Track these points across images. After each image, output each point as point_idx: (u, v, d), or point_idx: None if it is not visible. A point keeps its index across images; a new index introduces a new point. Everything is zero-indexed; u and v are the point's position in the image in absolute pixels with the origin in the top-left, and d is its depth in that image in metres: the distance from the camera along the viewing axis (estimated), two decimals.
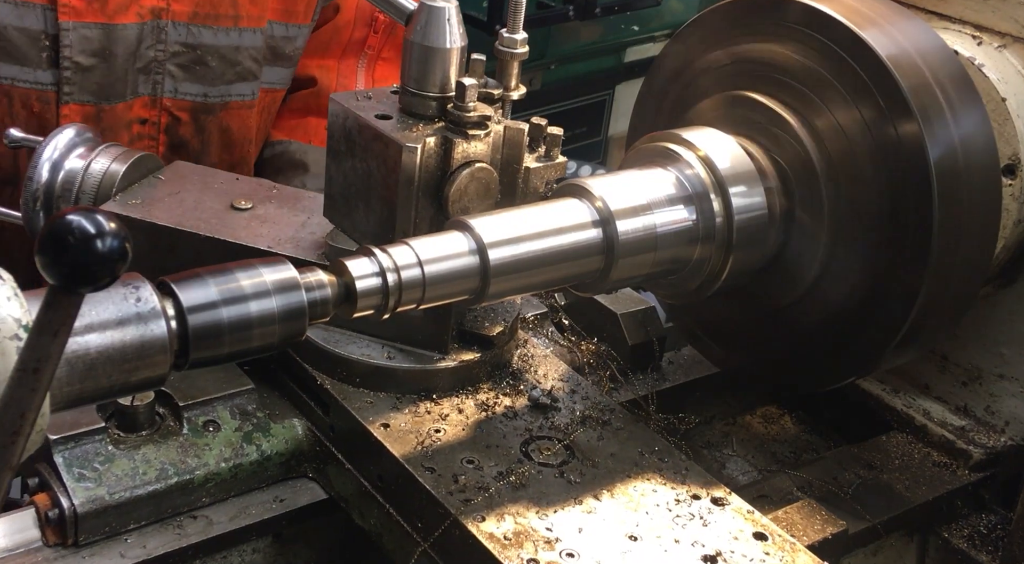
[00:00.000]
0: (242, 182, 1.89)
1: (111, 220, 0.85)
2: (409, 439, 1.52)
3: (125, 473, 1.50)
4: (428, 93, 1.53)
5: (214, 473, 1.55)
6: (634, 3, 5.00)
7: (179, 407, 1.58)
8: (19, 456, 0.93)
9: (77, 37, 2.15)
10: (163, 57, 2.26)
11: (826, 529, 1.58)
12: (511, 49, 1.58)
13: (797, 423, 2.07)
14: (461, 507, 1.41)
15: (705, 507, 1.46)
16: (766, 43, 1.70)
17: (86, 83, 2.20)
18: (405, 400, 1.60)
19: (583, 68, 5.39)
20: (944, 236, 1.56)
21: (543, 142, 1.62)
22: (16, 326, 1.05)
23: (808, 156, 1.64)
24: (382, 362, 1.61)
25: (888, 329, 1.63)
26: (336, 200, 1.63)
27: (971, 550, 1.82)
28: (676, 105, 1.85)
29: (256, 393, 1.65)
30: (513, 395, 1.64)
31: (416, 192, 1.51)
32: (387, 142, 1.50)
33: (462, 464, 1.48)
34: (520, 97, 1.62)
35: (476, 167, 1.52)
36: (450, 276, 1.40)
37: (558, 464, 1.51)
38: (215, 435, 1.58)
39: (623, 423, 1.61)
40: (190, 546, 1.51)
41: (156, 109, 2.31)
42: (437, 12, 1.51)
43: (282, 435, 1.62)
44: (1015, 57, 1.76)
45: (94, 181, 1.81)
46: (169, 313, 1.18)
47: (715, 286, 1.66)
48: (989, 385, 1.90)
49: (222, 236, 1.70)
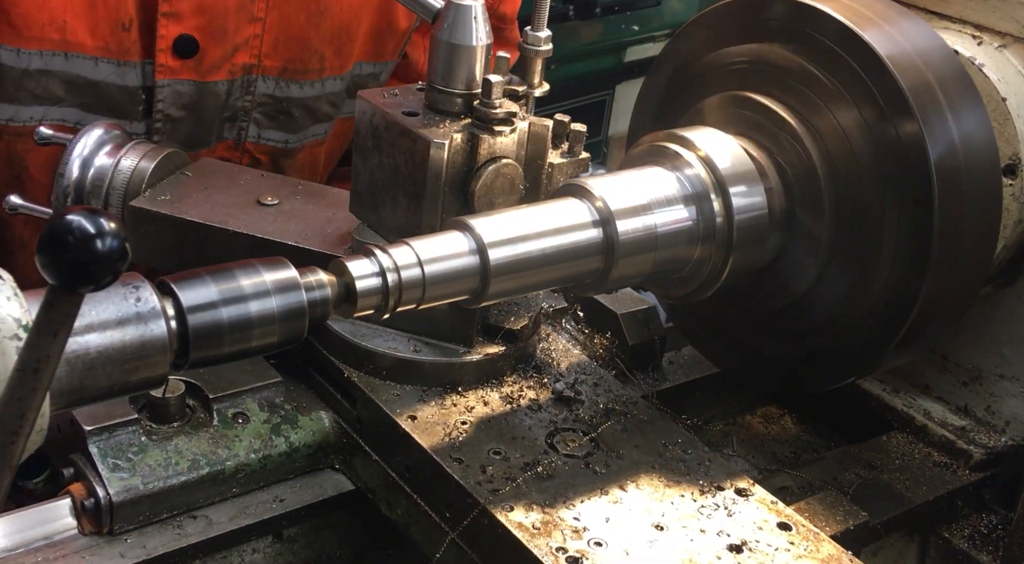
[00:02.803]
0: (268, 179, 1.92)
1: (111, 220, 0.85)
2: (436, 431, 1.54)
3: (158, 463, 1.52)
4: (455, 90, 1.55)
5: (244, 464, 1.58)
6: (634, 3, 5.00)
7: (209, 399, 1.61)
8: (19, 456, 0.93)
9: (171, 93, 2.23)
10: (250, 107, 2.33)
11: (848, 520, 1.62)
12: (535, 46, 1.60)
13: (797, 423, 2.07)
14: (490, 497, 1.43)
15: (730, 498, 1.48)
16: (766, 43, 1.70)
17: (175, 133, 2.28)
18: (431, 393, 1.62)
19: (583, 68, 5.39)
20: (944, 236, 1.56)
21: (567, 138, 1.65)
22: (16, 326, 1.05)
23: (808, 156, 1.64)
24: (408, 355, 1.63)
25: (888, 329, 1.63)
26: (363, 196, 1.66)
27: (971, 550, 1.82)
28: (676, 105, 1.85)
29: (283, 386, 1.68)
30: (537, 388, 1.66)
31: (443, 188, 1.53)
32: (415, 138, 1.52)
33: (489, 455, 1.50)
34: (543, 94, 1.64)
35: (502, 163, 1.55)
36: (450, 276, 1.40)
37: (583, 455, 1.53)
38: (244, 427, 1.61)
39: (646, 415, 1.63)
40: (190, 546, 1.51)
41: (238, 152, 2.38)
42: (464, 10, 1.53)
43: (309, 427, 1.64)
44: (1015, 57, 1.76)
45: (123, 177, 1.85)
46: (169, 313, 1.18)
47: (715, 286, 1.66)
48: (989, 385, 1.90)
49: (250, 231, 1.72)
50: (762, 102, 1.69)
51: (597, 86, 5.48)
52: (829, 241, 1.64)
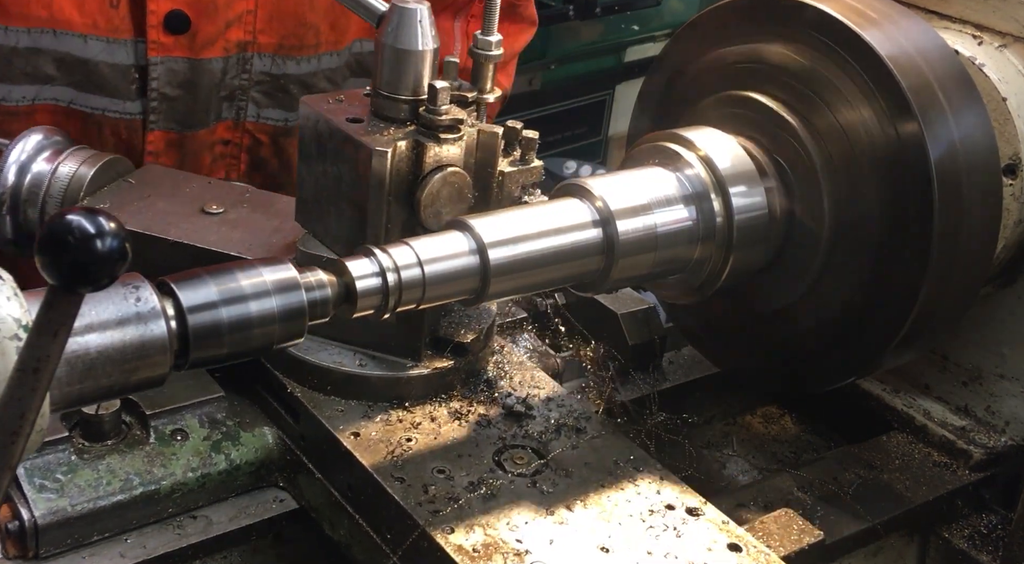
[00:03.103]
0: (215, 186, 1.86)
1: (111, 220, 0.85)
2: (379, 448, 1.49)
3: (88, 483, 1.46)
4: (400, 96, 1.50)
5: (181, 483, 1.52)
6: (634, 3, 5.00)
7: (146, 416, 1.55)
8: (19, 456, 0.93)
9: (164, 71, 2.21)
10: (247, 86, 2.32)
11: (803, 539, 1.53)
12: (486, 51, 1.55)
13: (797, 423, 2.07)
14: (430, 518, 1.38)
15: (680, 517, 1.43)
16: (766, 43, 1.70)
17: (171, 112, 2.26)
18: (377, 408, 1.57)
19: (583, 68, 5.39)
20: (944, 236, 1.56)
21: (518, 146, 1.59)
22: (16, 326, 1.05)
23: (808, 156, 1.64)
24: (353, 369, 1.58)
25: (888, 329, 1.63)
26: (308, 204, 1.61)
27: (971, 550, 1.82)
28: (676, 105, 1.85)
29: (226, 401, 1.62)
30: (487, 403, 1.61)
31: (387, 197, 1.48)
32: (357, 146, 1.48)
33: (432, 474, 1.46)
34: (496, 100, 1.58)
35: (448, 171, 1.49)
36: (450, 276, 1.40)
37: (531, 474, 1.48)
38: (182, 444, 1.55)
39: (599, 431, 1.57)
40: (190, 546, 1.50)
41: (239, 132, 2.37)
42: (409, 14, 1.48)
43: (252, 444, 1.59)
44: (1016, 57, 1.76)
45: (61, 184, 1.78)
46: (169, 313, 1.18)
47: (715, 286, 1.66)
48: (989, 385, 1.90)
49: (191, 241, 1.66)
50: (762, 102, 1.69)
51: (597, 86, 5.48)
52: (829, 241, 1.64)
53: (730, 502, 1.71)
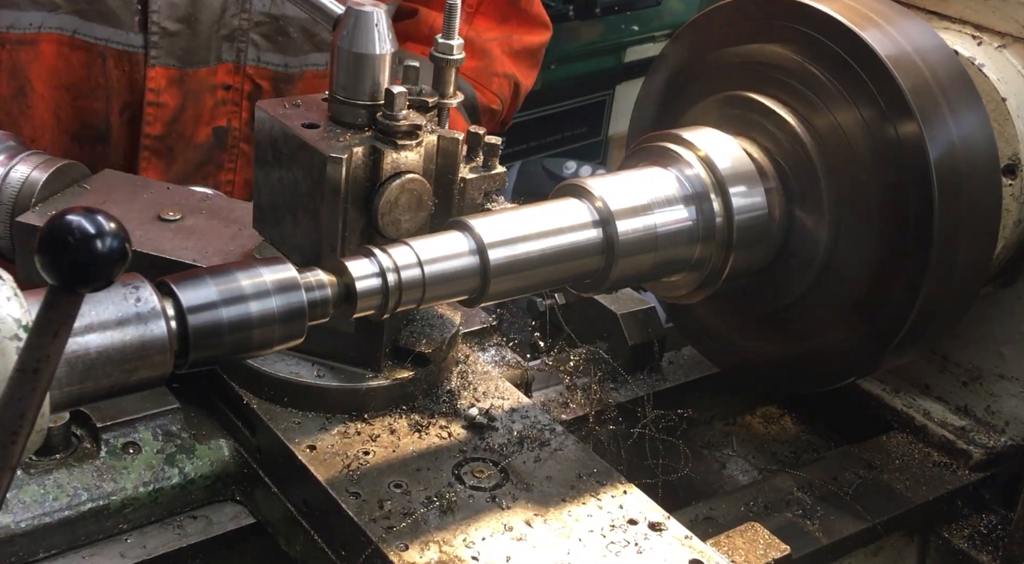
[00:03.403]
0: (173, 192, 1.82)
1: (111, 220, 0.85)
2: (335, 462, 1.45)
3: (34, 500, 1.42)
4: (357, 101, 1.46)
5: (132, 498, 1.48)
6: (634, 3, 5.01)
7: (97, 428, 1.50)
8: (19, 456, 0.93)
9: (164, 3, 2.24)
10: (247, 26, 2.33)
11: (768, 554, 1.50)
12: (446, 55, 1.52)
13: (797, 423, 2.07)
14: (383, 534, 1.34)
15: (642, 533, 1.39)
16: (766, 43, 1.70)
17: (172, 48, 2.28)
18: (335, 420, 1.52)
19: (583, 68, 5.39)
20: (944, 236, 1.56)
21: (481, 152, 1.55)
22: (16, 326, 1.05)
23: (808, 156, 1.64)
24: (311, 380, 1.53)
25: (888, 329, 1.63)
26: (265, 211, 1.57)
27: (971, 550, 1.82)
28: (676, 105, 1.85)
29: (181, 413, 1.57)
30: (449, 415, 1.56)
31: (344, 204, 1.44)
32: (312, 152, 1.44)
33: (389, 488, 1.41)
34: (457, 105, 1.55)
35: (407, 178, 1.45)
36: (450, 276, 1.40)
37: (490, 488, 1.44)
38: (135, 458, 1.50)
39: (562, 443, 1.53)
40: (190, 546, 1.50)
41: (240, 76, 2.37)
42: (365, 17, 1.44)
43: (207, 457, 1.55)
44: (1015, 57, 1.76)
45: (12, 190, 1.74)
46: (169, 313, 1.18)
47: (715, 286, 1.66)
48: (989, 385, 1.90)
49: (145, 249, 1.63)
50: (762, 102, 1.69)
51: (597, 86, 5.49)
52: (829, 241, 1.64)
53: (731, 502, 1.72)
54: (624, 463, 1.80)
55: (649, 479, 1.74)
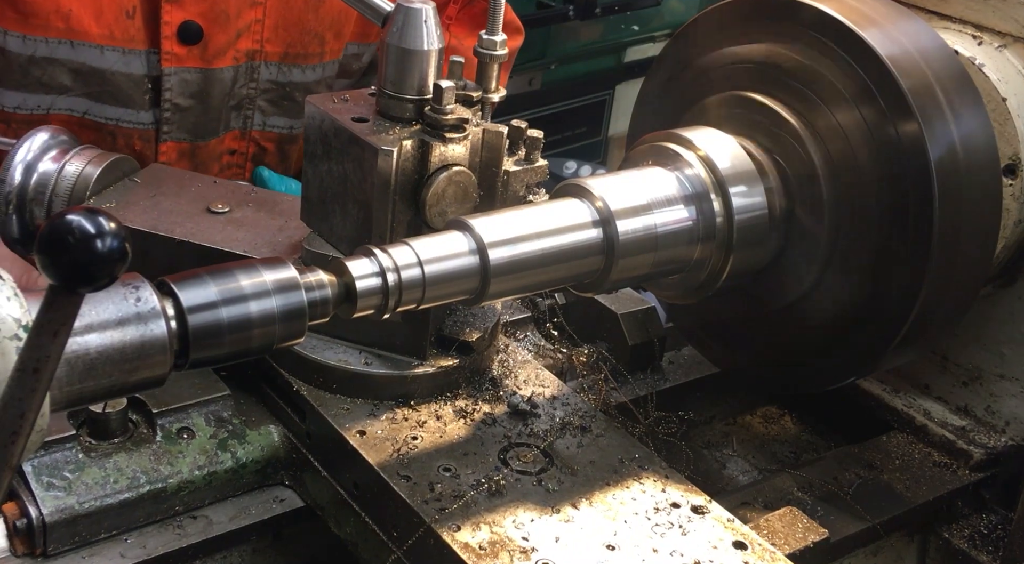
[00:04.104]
0: (220, 185, 1.86)
1: (111, 220, 0.85)
2: (385, 446, 1.50)
3: (96, 481, 1.47)
4: (405, 95, 1.50)
5: (187, 481, 1.53)
6: (634, 3, 5.00)
7: (152, 414, 1.55)
8: (19, 456, 0.93)
9: (177, 81, 2.25)
10: (254, 94, 2.36)
11: (808, 537, 1.55)
12: (490, 51, 1.54)
13: (797, 423, 2.07)
14: (436, 515, 1.38)
15: (685, 516, 1.43)
16: (766, 43, 1.70)
17: (184, 122, 2.30)
18: (382, 407, 1.57)
19: (583, 68, 5.39)
20: (944, 236, 1.56)
21: (523, 145, 1.59)
22: (16, 326, 1.05)
23: (808, 156, 1.64)
24: (359, 368, 1.58)
25: (888, 329, 1.63)
26: (313, 204, 1.61)
27: (971, 550, 1.82)
28: (676, 105, 1.85)
29: (232, 399, 1.62)
30: (492, 401, 1.61)
31: (392, 196, 1.49)
32: (363, 145, 1.48)
33: (438, 472, 1.46)
34: (500, 99, 1.58)
35: (454, 171, 1.50)
36: (450, 276, 1.40)
37: (536, 472, 1.48)
38: (189, 442, 1.55)
39: (603, 430, 1.58)
40: (190, 546, 1.51)
41: (245, 141, 2.41)
42: (414, 13, 1.48)
43: (258, 442, 1.60)
44: (1015, 57, 1.76)
45: (68, 184, 1.79)
46: (169, 313, 1.18)
47: (715, 286, 1.66)
48: (989, 385, 1.90)
49: (197, 240, 1.67)
50: (762, 102, 1.69)
51: (597, 86, 5.49)
52: (829, 241, 1.64)
53: (731, 502, 1.72)
54: None
55: None
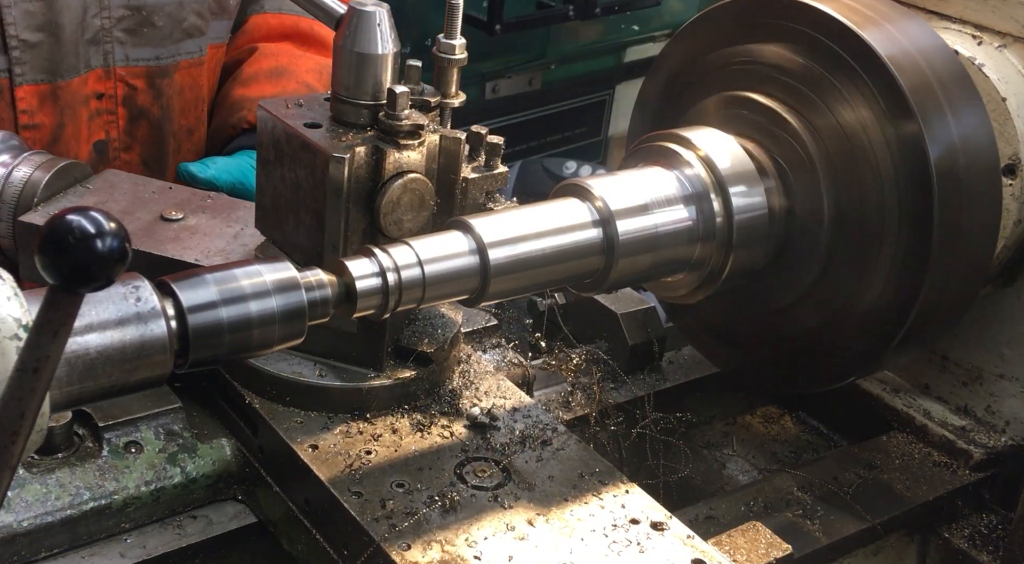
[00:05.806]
0: (175, 191, 1.82)
1: (111, 220, 0.85)
2: (338, 461, 1.45)
3: (36, 499, 1.42)
4: (360, 101, 1.46)
5: (134, 497, 1.48)
6: (634, 3, 4.99)
7: (99, 427, 1.50)
8: (19, 456, 0.93)
9: (20, 13, 2.10)
10: (109, 24, 2.21)
11: (770, 553, 1.50)
12: (448, 55, 1.51)
13: (797, 423, 2.07)
14: (386, 534, 1.34)
15: (644, 532, 1.38)
16: (766, 43, 1.70)
17: (36, 61, 2.15)
18: (337, 420, 1.52)
19: (583, 68, 5.39)
20: (944, 236, 1.56)
21: (483, 151, 1.55)
22: (16, 326, 1.05)
23: (808, 156, 1.64)
24: (313, 380, 1.53)
25: (888, 329, 1.63)
26: (267, 211, 1.56)
27: (971, 550, 1.82)
28: (676, 105, 1.85)
29: (183, 412, 1.57)
30: (451, 414, 1.56)
31: (346, 204, 1.44)
32: (315, 152, 1.43)
33: (391, 488, 1.41)
34: (460, 105, 1.54)
35: (409, 178, 1.45)
36: (450, 276, 1.40)
37: (492, 487, 1.43)
38: (136, 457, 1.50)
39: (564, 443, 1.53)
40: (190, 546, 1.50)
41: (111, 81, 2.26)
42: (367, 16, 1.44)
43: (209, 456, 1.55)
44: (1015, 57, 1.76)
45: (14, 190, 1.75)
46: (169, 313, 1.18)
47: (716, 286, 1.66)
48: (989, 385, 1.90)
49: (147, 249, 1.63)
50: (762, 102, 1.69)
51: (597, 86, 5.48)
52: (829, 241, 1.64)
53: (732, 502, 1.72)
54: (625, 463, 1.80)
55: (650, 480, 1.75)
